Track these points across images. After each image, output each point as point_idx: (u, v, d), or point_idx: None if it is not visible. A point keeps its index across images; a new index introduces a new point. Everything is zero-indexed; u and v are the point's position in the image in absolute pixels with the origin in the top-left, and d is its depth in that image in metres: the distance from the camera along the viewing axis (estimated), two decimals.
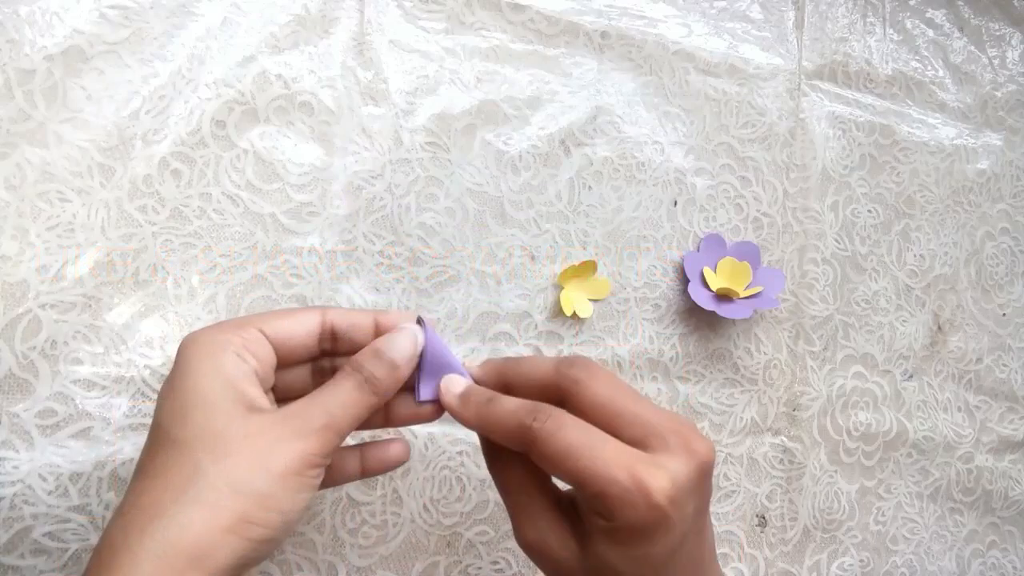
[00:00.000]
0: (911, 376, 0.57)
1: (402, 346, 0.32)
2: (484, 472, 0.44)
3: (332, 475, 0.34)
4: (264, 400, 0.30)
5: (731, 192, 0.52)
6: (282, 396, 0.33)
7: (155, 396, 0.38)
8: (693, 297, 0.48)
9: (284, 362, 0.32)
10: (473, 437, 0.44)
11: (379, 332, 0.33)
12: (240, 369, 0.29)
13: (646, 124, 0.50)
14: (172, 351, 0.39)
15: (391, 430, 0.42)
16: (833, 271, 0.55)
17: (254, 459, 0.27)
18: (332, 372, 0.33)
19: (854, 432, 0.54)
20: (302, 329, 0.32)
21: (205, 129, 0.40)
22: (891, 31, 0.58)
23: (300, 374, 0.34)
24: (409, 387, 0.34)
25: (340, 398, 0.30)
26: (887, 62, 0.58)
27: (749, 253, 0.51)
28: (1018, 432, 0.60)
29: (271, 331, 0.31)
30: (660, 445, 0.29)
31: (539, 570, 0.32)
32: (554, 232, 0.47)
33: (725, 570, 0.50)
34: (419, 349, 0.32)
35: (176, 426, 0.27)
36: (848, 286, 0.55)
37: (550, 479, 0.32)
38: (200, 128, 0.40)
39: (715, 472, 0.50)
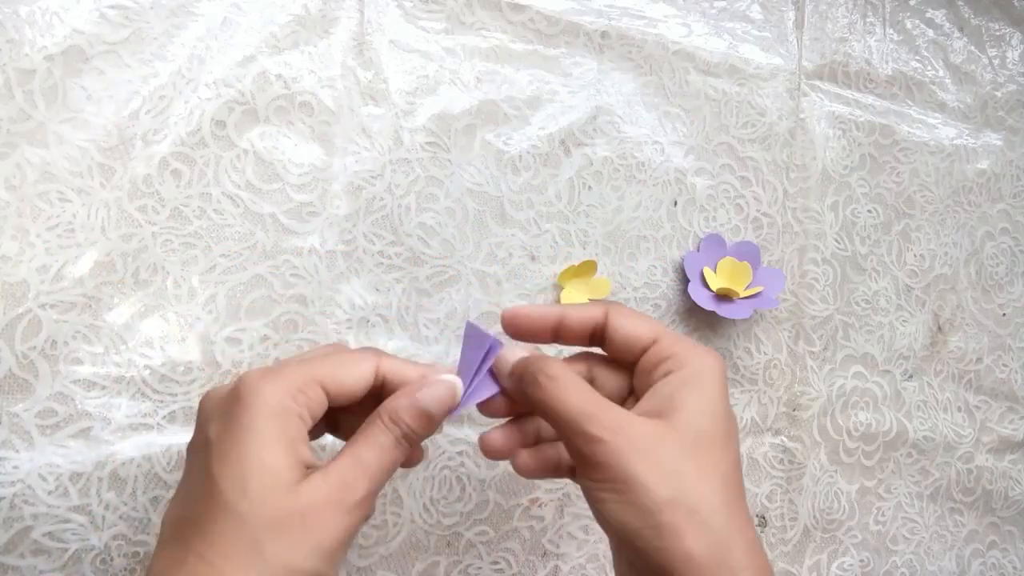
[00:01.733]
0: (911, 376, 0.57)
1: (440, 399, 0.31)
2: (484, 472, 0.44)
3: None
4: (312, 458, 0.29)
5: (731, 192, 0.52)
6: None
7: (155, 396, 0.38)
8: (693, 297, 0.48)
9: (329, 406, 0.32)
10: (473, 437, 0.44)
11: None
12: (300, 431, 0.29)
13: (646, 124, 0.50)
14: (172, 351, 0.39)
15: None
16: (833, 271, 0.55)
17: (308, 539, 0.27)
18: None
19: (854, 432, 0.54)
20: (358, 383, 0.31)
21: (205, 129, 0.40)
22: (891, 31, 0.58)
23: None
24: None
25: (380, 459, 0.30)
26: (887, 62, 0.58)
27: (749, 253, 0.51)
28: (1018, 432, 0.60)
29: (331, 385, 0.30)
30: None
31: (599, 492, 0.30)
32: (554, 232, 0.47)
33: None
34: (457, 402, 0.32)
35: (237, 496, 0.27)
36: (848, 286, 0.55)
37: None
38: (200, 128, 0.40)
39: None
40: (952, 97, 0.60)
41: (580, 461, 0.30)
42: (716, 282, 0.50)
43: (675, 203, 0.51)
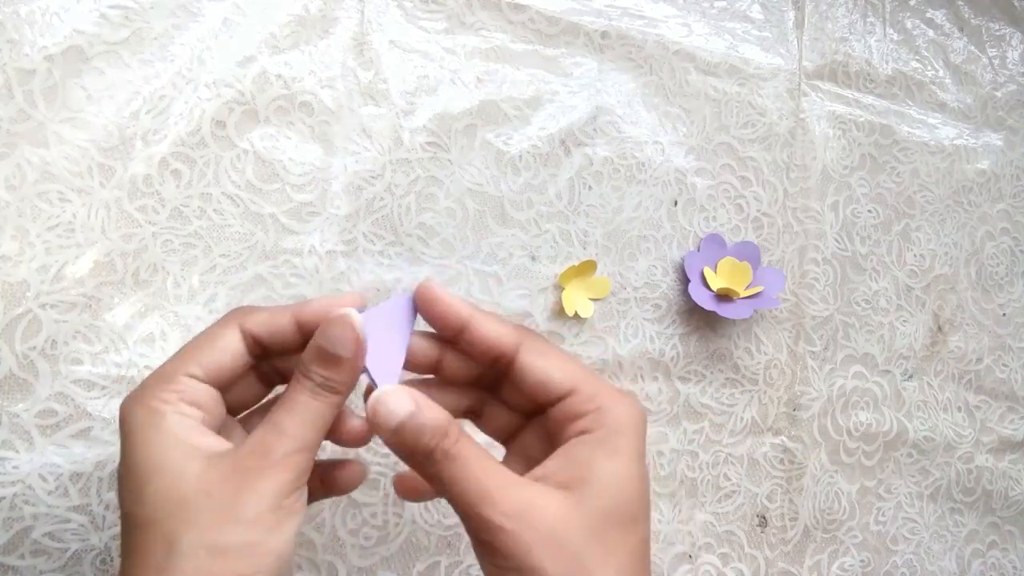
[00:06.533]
0: (911, 376, 0.57)
1: (339, 337, 0.28)
2: None
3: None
4: (221, 444, 0.28)
5: (731, 192, 0.52)
6: (240, 409, 0.32)
7: None
8: (693, 297, 0.48)
9: (224, 388, 0.30)
10: (475, 436, 0.44)
11: (302, 330, 0.30)
12: (184, 425, 0.27)
13: (646, 124, 0.50)
14: (172, 351, 0.39)
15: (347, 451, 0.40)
16: (833, 271, 0.55)
17: (222, 513, 0.26)
18: (274, 370, 0.32)
19: (854, 432, 0.54)
20: (228, 357, 0.29)
21: (205, 129, 0.40)
22: (891, 31, 0.58)
23: (246, 384, 0.32)
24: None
25: (297, 416, 0.28)
26: (887, 62, 0.58)
27: (749, 253, 0.51)
28: (1018, 432, 0.60)
29: (200, 371, 0.29)
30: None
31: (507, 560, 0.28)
32: (554, 232, 0.47)
33: (725, 570, 0.50)
34: (361, 331, 0.29)
35: (137, 505, 0.26)
36: (848, 286, 0.55)
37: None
38: (200, 128, 0.40)
39: (716, 472, 0.50)
40: (952, 97, 0.60)
41: (480, 546, 0.28)
42: (716, 282, 0.50)
43: (675, 203, 0.51)
